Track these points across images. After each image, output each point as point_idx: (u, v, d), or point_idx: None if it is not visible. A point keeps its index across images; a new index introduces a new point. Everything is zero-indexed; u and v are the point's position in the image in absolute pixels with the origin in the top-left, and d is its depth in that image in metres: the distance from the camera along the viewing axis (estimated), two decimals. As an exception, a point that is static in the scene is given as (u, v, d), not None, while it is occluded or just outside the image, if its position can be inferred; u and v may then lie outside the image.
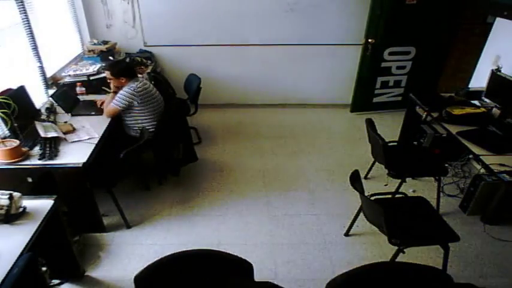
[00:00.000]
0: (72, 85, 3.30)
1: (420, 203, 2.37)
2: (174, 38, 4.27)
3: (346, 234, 2.71)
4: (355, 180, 2.14)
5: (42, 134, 2.48)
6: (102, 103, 3.02)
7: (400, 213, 2.30)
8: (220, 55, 4.38)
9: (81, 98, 3.23)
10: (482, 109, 2.92)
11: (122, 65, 3.01)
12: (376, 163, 3.14)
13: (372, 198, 2.18)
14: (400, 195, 2.58)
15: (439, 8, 4.00)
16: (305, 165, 3.56)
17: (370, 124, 2.85)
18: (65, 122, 2.79)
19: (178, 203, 3.02)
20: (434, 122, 3.18)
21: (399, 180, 2.84)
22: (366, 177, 3.33)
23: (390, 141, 3.03)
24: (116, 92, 2.92)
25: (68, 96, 3.12)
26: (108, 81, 2.96)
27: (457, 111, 2.89)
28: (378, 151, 2.78)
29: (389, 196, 2.56)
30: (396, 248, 2.10)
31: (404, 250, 2.11)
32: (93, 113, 2.95)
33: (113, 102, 2.85)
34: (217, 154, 3.72)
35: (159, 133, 2.99)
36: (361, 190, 2.13)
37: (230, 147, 3.83)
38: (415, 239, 2.15)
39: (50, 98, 3.05)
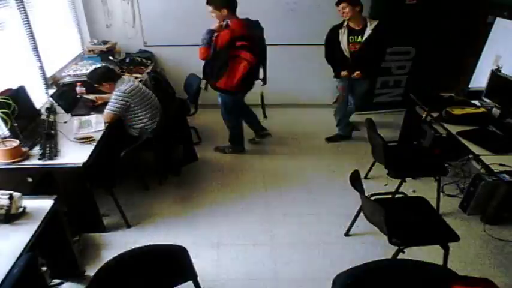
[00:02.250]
0: (72, 85, 3.30)
1: (420, 202, 2.38)
2: (174, 38, 4.27)
3: (346, 234, 2.71)
4: (355, 180, 2.14)
5: (75, 129, 2.68)
6: (101, 102, 3.04)
7: (400, 213, 2.30)
8: (220, 55, 4.37)
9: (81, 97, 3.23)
10: (482, 109, 2.92)
11: (98, 71, 2.97)
12: (376, 163, 3.13)
13: (372, 198, 2.18)
14: (400, 195, 2.59)
15: (439, 8, 3.99)
16: (305, 165, 3.56)
17: (370, 124, 2.85)
18: (65, 122, 2.79)
19: (178, 203, 3.02)
20: (435, 122, 3.18)
21: (399, 180, 2.83)
22: (366, 177, 3.33)
23: (390, 141, 3.03)
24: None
25: (68, 96, 3.12)
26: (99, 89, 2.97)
27: (457, 111, 2.89)
28: (378, 151, 2.78)
29: (389, 196, 2.57)
30: (396, 248, 2.10)
31: (405, 250, 2.11)
32: (92, 113, 2.95)
33: (107, 108, 2.83)
34: (217, 154, 3.72)
35: (159, 133, 3.00)
36: (361, 190, 2.13)
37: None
38: (415, 238, 2.16)
39: (50, 98, 3.05)
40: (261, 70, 3.36)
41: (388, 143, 2.74)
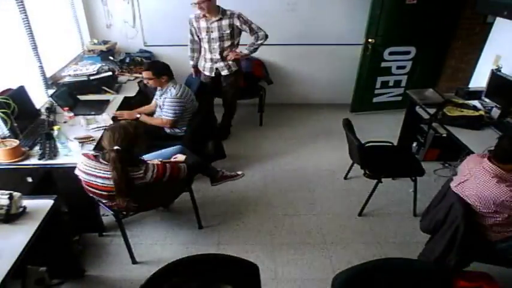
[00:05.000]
0: (72, 85, 3.30)
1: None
2: (174, 38, 4.26)
3: (346, 233, 2.71)
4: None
5: (84, 127, 2.68)
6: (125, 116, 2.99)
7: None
8: (220, 55, 4.37)
9: (81, 98, 3.23)
10: (481, 112, 2.89)
11: (160, 64, 3.02)
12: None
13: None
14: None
15: (439, 7, 3.99)
16: (305, 165, 3.56)
17: (347, 125, 2.84)
18: (64, 122, 2.79)
19: (178, 203, 3.01)
20: (435, 122, 3.17)
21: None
22: (345, 178, 3.34)
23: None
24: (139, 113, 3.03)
25: (68, 96, 3.12)
26: (147, 82, 2.96)
27: (452, 113, 2.86)
28: (354, 152, 2.80)
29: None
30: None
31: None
32: (93, 112, 2.95)
33: (166, 115, 2.93)
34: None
35: (194, 130, 3.04)
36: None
37: (229, 146, 3.82)
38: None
39: (50, 98, 3.05)
40: None
41: (366, 143, 2.77)
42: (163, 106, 2.96)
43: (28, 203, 1.87)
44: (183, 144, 3.02)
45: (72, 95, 3.18)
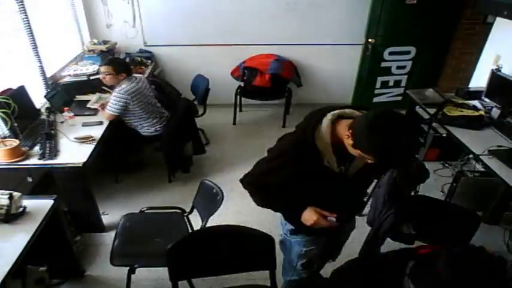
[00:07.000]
0: (72, 85, 3.30)
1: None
2: (174, 38, 4.27)
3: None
4: None
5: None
6: (103, 106, 2.99)
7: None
8: (220, 55, 4.37)
9: (77, 98, 3.22)
10: (481, 112, 2.89)
11: (122, 61, 3.01)
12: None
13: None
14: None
15: (439, 7, 3.99)
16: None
17: None
18: (61, 122, 2.79)
19: (178, 203, 3.01)
20: (435, 122, 3.17)
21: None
22: None
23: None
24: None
25: (62, 97, 3.09)
26: (105, 77, 2.88)
27: (452, 113, 2.87)
28: None
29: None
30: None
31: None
32: (87, 113, 2.95)
33: (107, 108, 2.85)
34: (217, 154, 3.72)
35: (169, 135, 3.04)
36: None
37: (230, 147, 3.84)
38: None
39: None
40: None
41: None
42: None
43: (28, 203, 1.88)
44: (162, 145, 3.06)
45: (67, 96, 3.15)
